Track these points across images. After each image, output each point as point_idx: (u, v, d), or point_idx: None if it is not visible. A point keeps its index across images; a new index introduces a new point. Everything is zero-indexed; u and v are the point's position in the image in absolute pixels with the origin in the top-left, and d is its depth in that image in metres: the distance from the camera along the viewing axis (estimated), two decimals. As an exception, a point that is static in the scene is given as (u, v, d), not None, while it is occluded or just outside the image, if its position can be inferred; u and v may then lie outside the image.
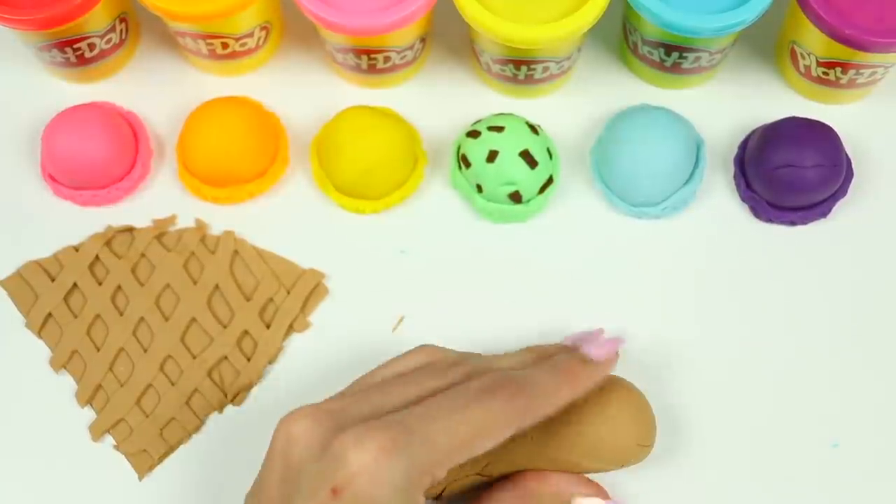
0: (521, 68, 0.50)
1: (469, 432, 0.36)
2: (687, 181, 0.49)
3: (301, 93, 0.53)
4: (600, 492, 0.42)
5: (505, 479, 0.42)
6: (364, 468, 0.34)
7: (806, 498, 0.45)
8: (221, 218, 0.51)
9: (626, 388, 0.43)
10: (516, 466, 0.42)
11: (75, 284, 0.49)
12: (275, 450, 0.36)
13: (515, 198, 0.49)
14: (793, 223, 0.50)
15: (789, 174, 0.47)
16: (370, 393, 0.38)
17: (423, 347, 0.41)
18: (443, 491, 0.43)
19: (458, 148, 0.50)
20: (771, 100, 0.53)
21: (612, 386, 0.43)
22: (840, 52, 0.48)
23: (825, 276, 0.49)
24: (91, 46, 0.51)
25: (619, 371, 0.43)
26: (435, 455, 0.35)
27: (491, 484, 0.42)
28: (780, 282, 0.49)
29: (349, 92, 0.53)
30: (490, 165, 0.48)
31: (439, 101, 0.53)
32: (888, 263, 0.49)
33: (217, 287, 0.49)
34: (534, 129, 0.49)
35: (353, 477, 0.34)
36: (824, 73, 0.50)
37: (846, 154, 0.49)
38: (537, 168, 0.48)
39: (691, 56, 0.49)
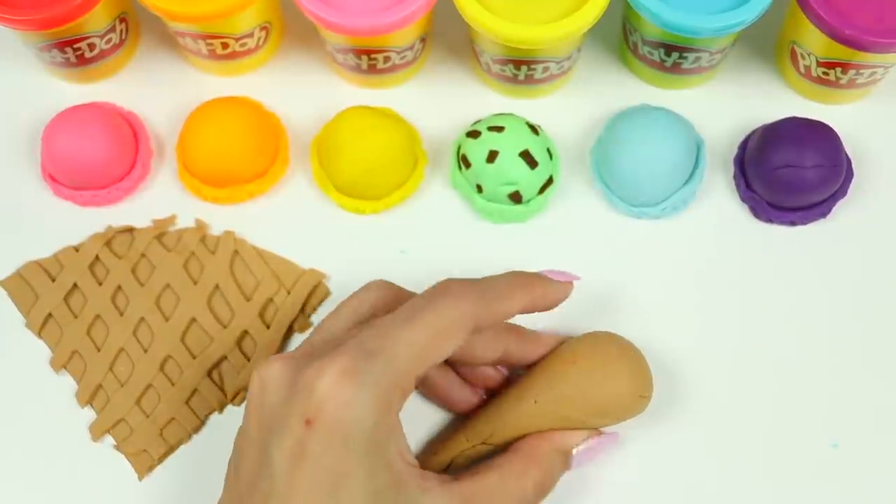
0: (521, 68, 0.50)
1: (426, 338, 0.37)
2: (687, 181, 0.49)
3: (301, 93, 0.53)
4: (592, 433, 0.43)
5: (508, 446, 0.43)
6: (329, 394, 0.35)
7: (806, 498, 0.45)
8: (221, 218, 0.51)
9: (622, 343, 0.44)
10: (521, 431, 0.43)
11: (75, 284, 0.49)
12: (251, 400, 0.37)
13: (515, 198, 0.49)
14: (793, 223, 0.50)
15: (789, 174, 0.47)
16: (328, 326, 0.40)
17: (373, 282, 0.43)
18: (451, 463, 0.43)
19: (458, 148, 0.50)
20: (771, 100, 0.53)
21: (608, 343, 0.43)
22: (840, 52, 0.48)
23: (825, 277, 0.49)
24: (91, 46, 0.51)
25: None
26: (398, 367, 0.36)
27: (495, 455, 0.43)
28: (781, 282, 0.49)
29: (349, 92, 0.53)
30: (490, 165, 0.48)
31: (439, 101, 0.53)
32: (888, 263, 0.49)
33: (217, 287, 0.49)
34: (534, 129, 0.49)
35: (321, 404, 0.35)
36: (824, 73, 0.50)
37: (846, 154, 0.49)
38: (537, 168, 0.48)
39: (691, 56, 0.49)
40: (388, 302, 0.42)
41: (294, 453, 0.35)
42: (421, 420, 0.46)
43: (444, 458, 0.44)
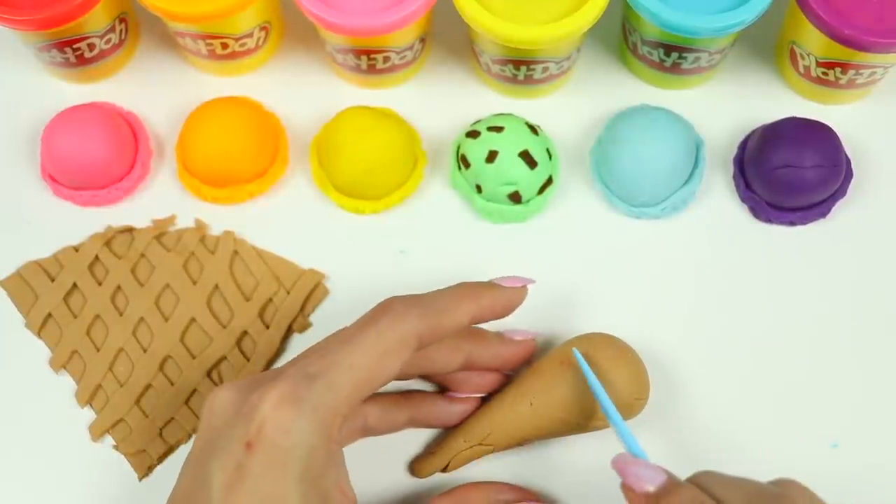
0: (520, 69, 0.50)
1: (368, 360, 0.37)
2: (686, 181, 0.49)
3: (301, 93, 0.54)
4: (526, 495, 0.44)
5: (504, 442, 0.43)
6: (269, 418, 0.35)
7: (805, 498, 0.45)
8: (221, 218, 0.51)
9: (618, 345, 0.44)
10: (518, 433, 0.43)
11: (75, 284, 0.49)
12: (201, 423, 0.37)
13: (515, 198, 0.49)
14: (792, 223, 0.50)
15: (789, 174, 0.47)
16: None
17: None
18: (448, 464, 0.44)
19: (458, 148, 0.50)
20: (770, 100, 0.53)
21: (605, 345, 0.43)
22: (840, 52, 0.48)
23: (825, 276, 0.49)
24: (91, 46, 0.51)
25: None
26: (338, 393, 0.36)
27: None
28: (780, 282, 0.49)
29: (349, 92, 0.53)
30: (490, 165, 0.48)
31: (439, 101, 0.53)
32: (888, 263, 0.49)
33: (217, 287, 0.49)
34: (533, 129, 0.49)
35: (261, 428, 0.35)
36: (824, 73, 0.50)
37: (846, 154, 0.49)
38: (537, 168, 0.48)
39: (691, 56, 0.49)
40: None
41: (233, 475, 0.35)
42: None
43: (442, 459, 0.44)
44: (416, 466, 0.45)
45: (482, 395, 0.45)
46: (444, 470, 0.44)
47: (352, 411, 0.37)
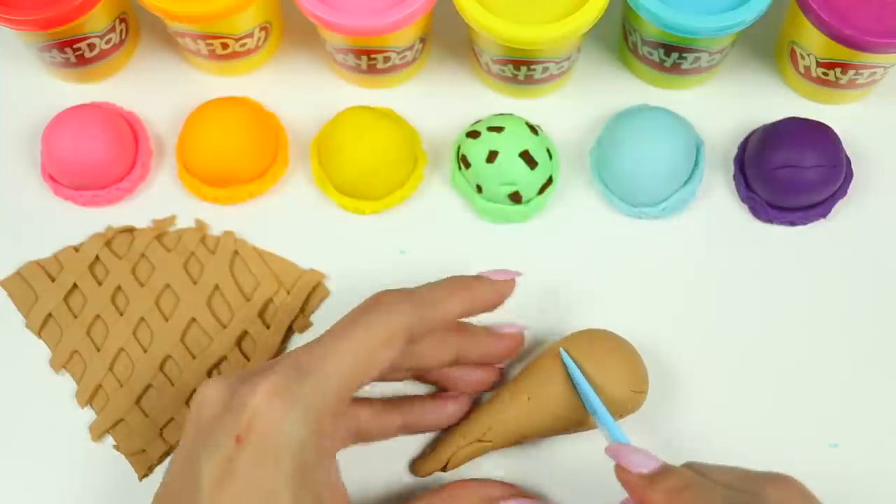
0: (520, 69, 0.50)
1: (358, 354, 0.37)
2: (686, 181, 0.49)
3: (301, 93, 0.54)
4: (515, 491, 0.44)
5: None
6: (259, 412, 0.35)
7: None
8: (221, 218, 0.51)
9: (616, 339, 0.44)
10: (516, 429, 0.43)
11: (75, 285, 0.49)
12: (189, 416, 0.37)
13: (515, 198, 0.49)
14: (792, 223, 0.50)
15: (789, 174, 0.47)
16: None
17: None
18: (448, 461, 0.44)
19: (458, 148, 0.50)
20: (771, 100, 0.53)
21: (602, 339, 0.44)
22: (840, 52, 0.48)
23: (825, 276, 0.49)
24: (91, 47, 0.51)
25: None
26: (330, 386, 0.36)
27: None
28: (780, 282, 0.49)
29: (349, 92, 0.53)
30: (490, 166, 0.48)
31: (439, 101, 0.53)
32: (888, 263, 0.49)
33: (217, 287, 0.49)
34: (534, 129, 0.49)
35: (251, 422, 0.35)
36: (824, 73, 0.50)
37: (846, 154, 0.49)
38: (537, 168, 0.48)
39: (691, 56, 0.49)
40: None
41: (222, 470, 0.34)
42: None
43: (441, 458, 0.44)
44: (416, 466, 0.45)
45: (476, 393, 0.45)
46: (444, 469, 0.44)
47: (343, 405, 0.37)
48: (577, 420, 0.43)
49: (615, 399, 0.42)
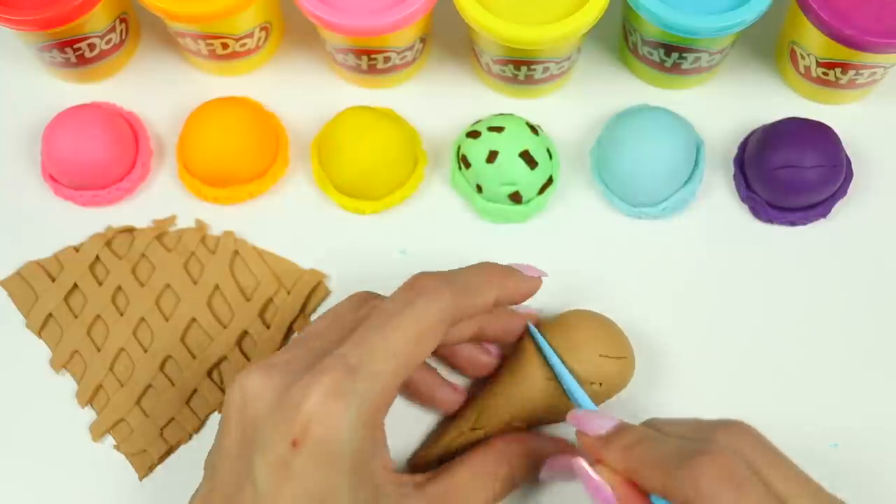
0: (520, 69, 0.50)
1: (406, 344, 0.37)
2: (687, 181, 0.49)
3: (301, 93, 0.54)
4: (564, 446, 0.44)
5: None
6: (316, 415, 0.34)
7: (806, 498, 0.45)
8: (221, 218, 0.51)
9: (588, 312, 0.44)
10: (506, 414, 0.43)
11: (75, 285, 0.49)
12: (231, 410, 0.36)
13: (515, 198, 0.49)
14: (793, 223, 0.50)
15: (789, 174, 0.47)
16: (311, 340, 0.39)
17: (357, 293, 0.42)
18: (444, 456, 0.44)
19: (458, 148, 0.50)
20: (771, 100, 0.53)
21: (573, 313, 0.44)
22: (840, 52, 0.48)
23: (825, 277, 0.49)
24: (91, 47, 0.51)
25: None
26: (382, 382, 0.36)
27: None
28: (780, 282, 0.49)
29: (349, 92, 0.53)
30: (490, 166, 0.48)
31: (439, 101, 0.53)
32: (888, 263, 0.49)
33: (217, 287, 0.49)
34: (534, 129, 0.49)
35: (308, 426, 0.34)
36: (824, 73, 0.50)
37: (846, 154, 0.49)
38: (537, 168, 0.48)
39: (691, 56, 0.49)
40: (366, 297, 0.42)
41: (279, 472, 0.34)
42: (418, 417, 0.46)
43: (437, 451, 0.44)
44: (414, 461, 0.45)
45: (477, 376, 0.46)
46: (441, 462, 0.44)
47: (393, 396, 0.37)
48: (566, 405, 0.43)
49: (583, 362, 0.42)
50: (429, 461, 0.44)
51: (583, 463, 0.37)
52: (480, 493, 0.41)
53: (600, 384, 0.42)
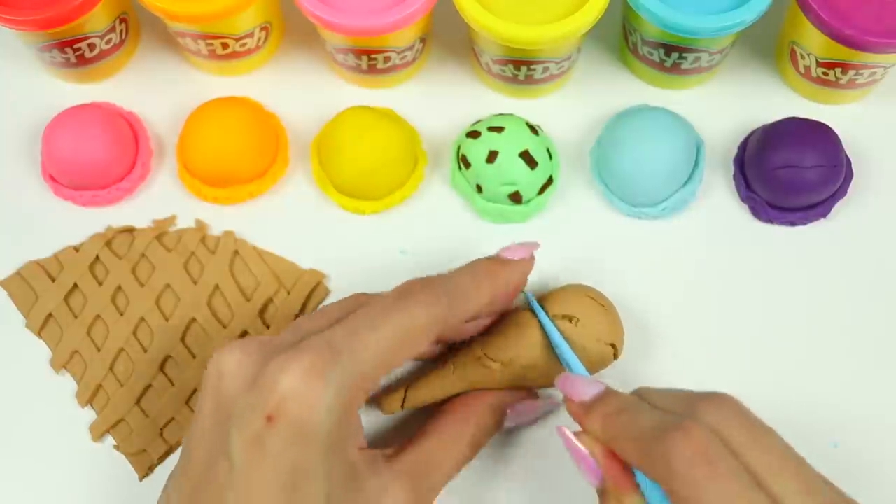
0: (520, 69, 0.50)
1: (394, 340, 0.36)
2: (686, 181, 0.49)
3: (301, 93, 0.54)
4: (523, 395, 0.44)
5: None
6: (292, 392, 0.34)
7: (806, 498, 0.45)
8: (221, 218, 0.51)
9: (582, 286, 0.45)
10: (512, 354, 0.43)
11: (75, 285, 0.49)
12: (207, 386, 0.36)
13: (515, 198, 0.49)
14: (793, 223, 0.50)
15: (789, 174, 0.47)
16: (299, 324, 0.39)
17: (352, 294, 0.42)
18: (405, 399, 0.44)
19: (458, 148, 0.50)
20: (771, 100, 0.53)
21: (569, 285, 0.45)
22: (840, 52, 0.48)
23: (825, 276, 0.49)
24: (91, 47, 0.51)
25: (617, 369, 0.43)
26: (363, 369, 0.36)
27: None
28: (780, 282, 0.49)
29: (349, 92, 0.53)
30: (490, 166, 0.48)
31: (439, 101, 0.53)
32: (888, 263, 0.49)
33: (217, 287, 0.49)
34: (534, 129, 0.49)
35: (283, 402, 0.34)
36: (824, 73, 0.50)
37: (846, 154, 0.49)
38: (537, 168, 0.48)
39: (691, 56, 0.49)
40: (360, 295, 0.42)
41: (253, 448, 0.34)
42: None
43: (398, 395, 0.44)
44: (382, 403, 0.45)
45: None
46: (403, 406, 0.44)
47: (374, 386, 0.37)
48: (548, 368, 0.43)
49: (579, 306, 0.43)
50: (396, 405, 0.44)
51: (565, 430, 0.37)
52: (450, 457, 0.41)
53: (578, 320, 0.43)
